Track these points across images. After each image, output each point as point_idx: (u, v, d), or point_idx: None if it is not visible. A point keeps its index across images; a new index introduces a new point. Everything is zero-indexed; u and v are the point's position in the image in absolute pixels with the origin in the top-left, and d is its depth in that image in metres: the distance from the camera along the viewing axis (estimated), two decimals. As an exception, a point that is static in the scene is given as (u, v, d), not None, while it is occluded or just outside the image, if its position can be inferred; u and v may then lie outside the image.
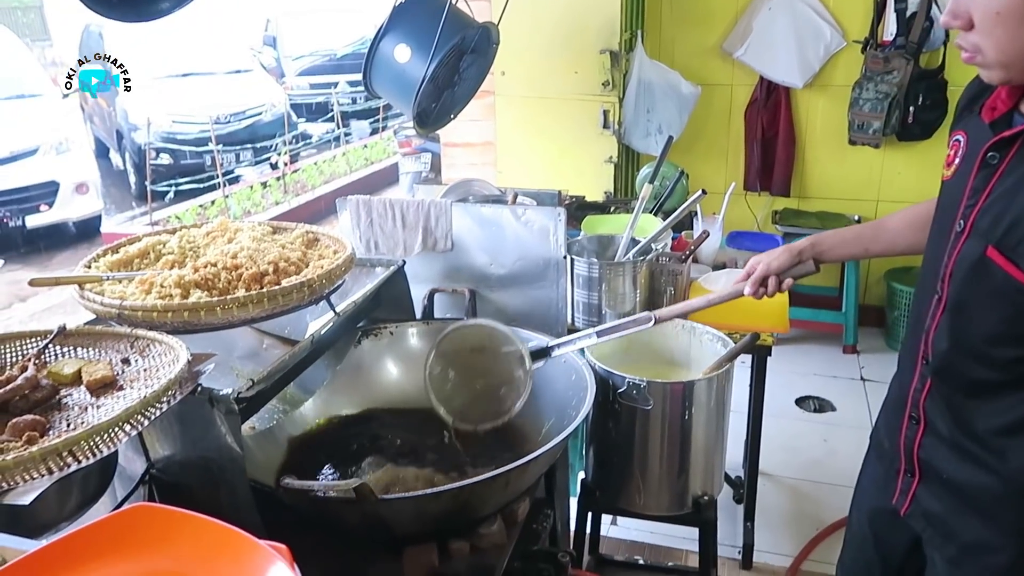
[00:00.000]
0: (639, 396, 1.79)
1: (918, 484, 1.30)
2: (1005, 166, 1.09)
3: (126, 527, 0.70)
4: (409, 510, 1.47)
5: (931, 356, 1.22)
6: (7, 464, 1.01)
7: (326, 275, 1.63)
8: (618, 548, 2.53)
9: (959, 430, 1.21)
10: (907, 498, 1.33)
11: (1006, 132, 1.09)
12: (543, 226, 2.09)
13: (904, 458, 1.32)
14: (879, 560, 1.48)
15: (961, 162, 1.19)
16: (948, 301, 1.18)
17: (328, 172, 8.39)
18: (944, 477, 1.25)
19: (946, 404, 1.23)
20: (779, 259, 1.54)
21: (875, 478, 1.46)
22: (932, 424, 1.26)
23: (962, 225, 1.15)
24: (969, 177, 1.14)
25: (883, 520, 1.44)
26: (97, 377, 1.34)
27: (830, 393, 3.59)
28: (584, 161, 3.71)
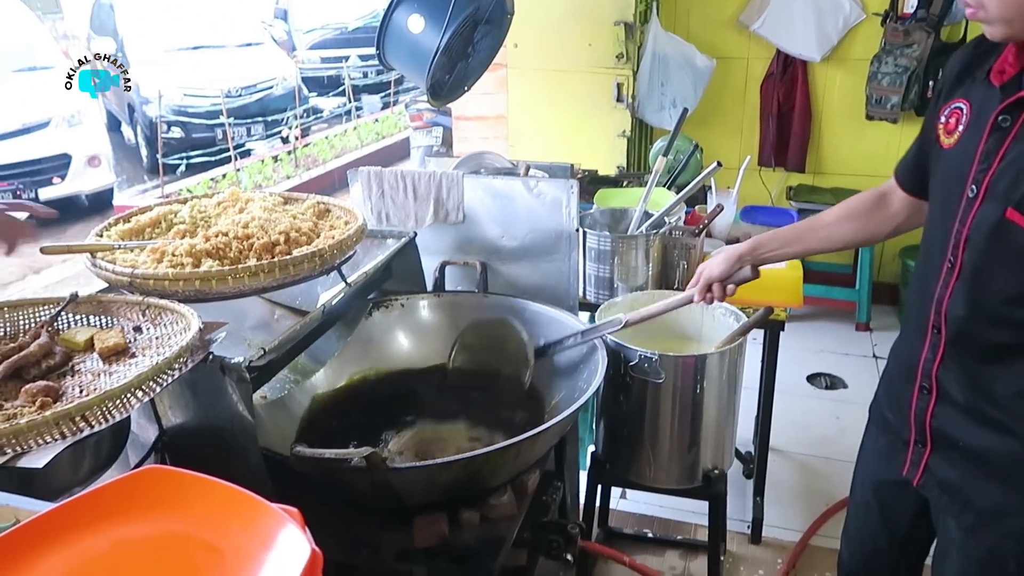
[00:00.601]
0: (651, 369, 1.78)
1: (930, 454, 1.29)
2: (1018, 129, 1.09)
3: (138, 488, 0.70)
4: (420, 479, 1.48)
5: (945, 324, 1.21)
6: (21, 428, 1.02)
7: (337, 245, 1.63)
8: (627, 521, 2.54)
9: (977, 396, 1.20)
10: (919, 469, 1.32)
11: (1021, 93, 1.09)
12: (555, 198, 2.07)
13: (915, 429, 1.31)
14: (885, 530, 1.48)
15: (966, 128, 1.18)
16: (964, 267, 1.17)
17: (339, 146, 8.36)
18: (960, 444, 1.23)
19: (962, 371, 1.22)
20: (720, 266, 1.59)
21: (878, 450, 1.45)
22: (946, 393, 1.24)
23: (975, 191, 1.14)
24: (979, 142, 1.14)
25: (888, 490, 1.44)
26: (109, 344, 1.35)
27: (842, 370, 3.57)
28: (597, 135, 3.67)
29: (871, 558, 1.54)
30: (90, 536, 0.67)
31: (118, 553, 0.65)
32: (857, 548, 1.58)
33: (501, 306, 2.03)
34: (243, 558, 0.64)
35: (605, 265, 2.13)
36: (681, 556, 2.40)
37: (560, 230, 2.10)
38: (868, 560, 1.55)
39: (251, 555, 0.64)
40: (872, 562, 1.54)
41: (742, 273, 1.57)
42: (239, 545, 0.65)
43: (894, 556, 1.48)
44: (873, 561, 1.54)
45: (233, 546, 0.65)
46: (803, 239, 1.54)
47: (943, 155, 1.23)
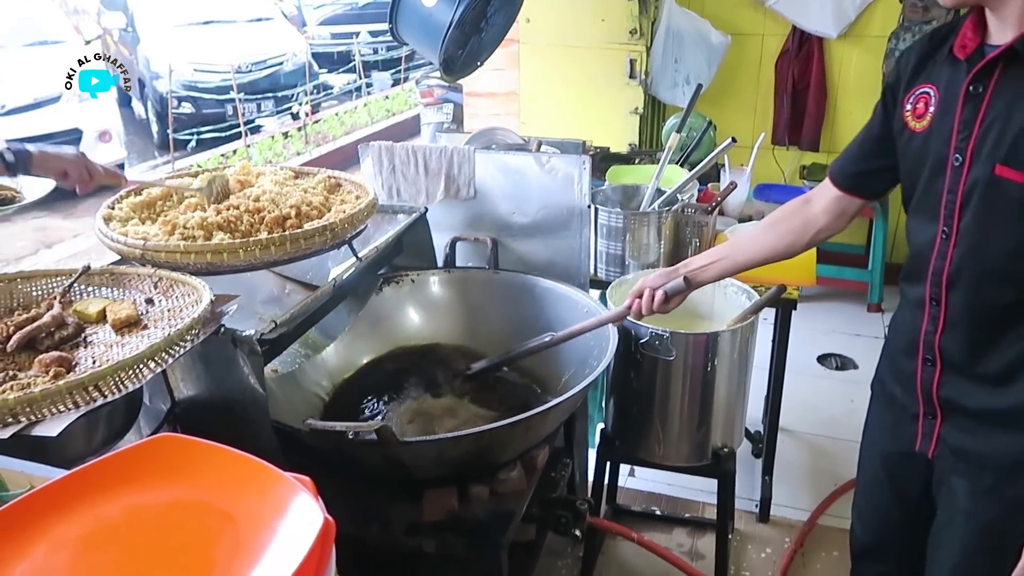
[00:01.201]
0: (661, 347, 1.78)
1: (942, 424, 1.31)
2: (991, 93, 1.15)
3: (151, 456, 0.70)
4: (430, 453, 1.48)
5: (947, 295, 1.24)
6: (35, 396, 1.02)
7: (348, 219, 1.62)
8: (635, 499, 2.54)
9: (984, 359, 1.22)
10: (932, 441, 1.33)
11: (989, 55, 1.14)
12: (567, 174, 2.05)
13: (923, 401, 1.32)
14: (896, 501, 1.49)
15: (938, 107, 1.23)
16: (961, 233, 1.20)
17: (349, 123, 8.32)
18: (970, 409, 1.26)
19: (967, 336, 1.24)
20: (656, 276, 1.62)
21: (883, 425, 1.47)
22: (950, 361, 1.27)
23: (960, 159, 1.18)
24: (954, 115, 1.19)
25: (896, 462, 1.45)
26: (122, 316, 1.35)
27: (853, 351, 3.55)
28: (609, 112, 3.64)
29: (885, 531, 1.54)
30: (103, 502, 0.67)
31: (131, 519, 0.66)
32: (870, 523, 1.58)
33: (511, 283, 2.03)
34: (256, 525, 0.64)
35: (617, 242, 2.12)
36: (689, 534, 2.41)
37: (572, 206, 2.08)
38: (882, 533, 1.55)
39: (264, 523, 0.64)
40: (886, 535, 1.54)
41: (676, 283, 1.58)
42: (252, 512, 0.65)
43: (907, 528, 1.48)
44: (887, 534, 1.54)
45: (246, 513, 0.65)
46: (729, 255, 1.58)
47: (915, 138, 1.26)
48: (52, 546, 0.63)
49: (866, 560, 1.63)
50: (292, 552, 0.59)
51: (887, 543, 1.56)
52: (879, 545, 1.58)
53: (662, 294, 1.59)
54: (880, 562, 1.59)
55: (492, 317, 2.03)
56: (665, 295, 1.58)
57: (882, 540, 1.56)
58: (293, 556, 0.59)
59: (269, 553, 0.61)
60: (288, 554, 0.60)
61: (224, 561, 0.61)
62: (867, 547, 1.61)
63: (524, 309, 2.00)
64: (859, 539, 1.62)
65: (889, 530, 1.54)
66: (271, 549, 0.61)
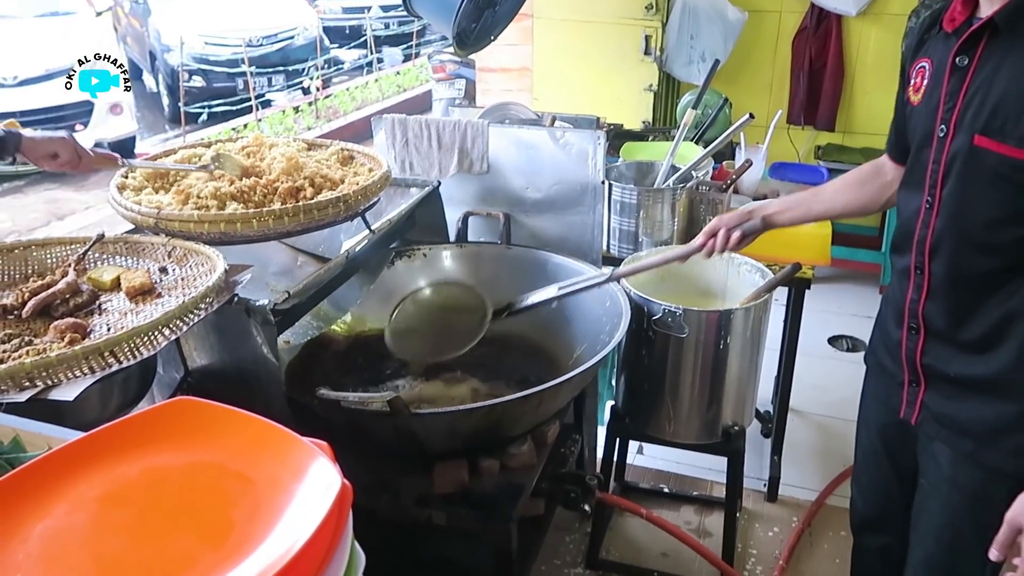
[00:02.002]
0: (674, 324, 1.77)
1: (925, 391, 1.33)
2: (975, 65, 1.17)
3: (169, 419, 0.70)
4: (441, 426, 1.48)
5: (929, 263, 1.26)
6: (51, 361, 1.03)
7: (362, 191, 1.62)
8: (643, 476, 2.55)
9: (965, 325, 1.24)
10: (915, 408, 1.35)
11: (972, 27, 1.16)
12: (582, 149, 2.04)
13: (907, 369, 1.34)
14: (894, 473, 1.50)
15: (930, 80, 1.25)
16: (943, 202, 1.22)
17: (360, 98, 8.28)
18: (951, 375, 1.28)
19: (948, 304, 1.26)
20: (731, 216, 1.63)
21: (877, 396, 1.49)
22: (933, 328, 1.29)
23: (944, 130, 1.20)
24: (942, 87, 1.21)
25: (891, 432, 1.46)
26: (136, 284, 1.35)
27: (864, 333, 3.50)
28: (623, 88, 3.60)
29: (884, 503, 1.55)
30: (122, 463, 0.67)
31: (150, 480, 0.66)
32: (870, 495, 1.59)
33: (524, 258, 2.02)
34: (274, 488, 0.64)
35: (630, 219, 2.10)
36: (696, 511, 2.41)
37: (586, 182, 2.07)
38: (881, 505, 1.56)
39: (282, 486, 0.64)
40: (885, 507, 1.55)
41: (752, 224, 1.59)
42: (270, 475, 0.65)
43: (906, 499, 1.48)
44: (886, 506, 1.55)
45: (264, 476, 0.65)
46: (806, 204, 1.61)
47: (913, 112, 1.29)
48: (72, 505, 0.63)
49: (867, 532, 1.65)
50: (310, 515, 0.59)
51: (886, 515, 1.57)
52: (879, 517, 1.60)
53: (739, 234, 1.59)
54: (881, 534, 1.61)
55: (504, 293, 2.02)
56: (742, 235, 1.59)
57: (882, 512, 1.58)
58: (311, 519, 0.59)
59: (287, 516, 0.61)
60: (306, 517, 0.60)
61: (242, 522, 0.61)
62: (867, 519, 1.63)
63: (536, 285, 1.98)
64: (859, 512, 1.64)
65: (888, 502, 1.55)
66: (289, 512, 0.61)
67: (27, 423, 0.81)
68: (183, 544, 0.60)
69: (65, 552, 0.58)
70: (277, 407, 1.43)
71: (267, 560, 0.56)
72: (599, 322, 1.82)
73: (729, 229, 1.60)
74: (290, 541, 0.57)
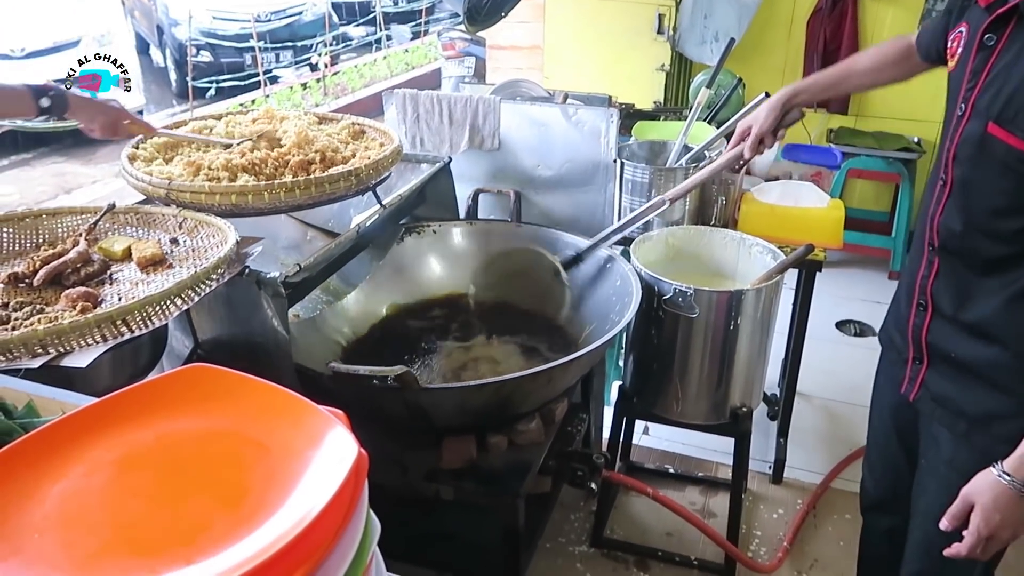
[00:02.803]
0: (685, 304, 1.76)
1: (927, 369, 1.33)
2: (1002, 46, 1.14)
3: (184, 385, 0.70)
4: (451, 401, 1.48)
5: (937, 239, 1.26)
6: (63, 328, 1.03)
7: (373, 165, 1.61)
8: (649, 456, 2.55)
9: (967, 309, 1.24)
10: (916, 384, 1.35)
11: (1000, 9, 1.12)
12: (594, 127, 2.02)
13: (912, 346, 1.34)
14: (903, 455, 1.50)
15: (962, 50, 1.21)
16: (953, 183, 1.21)
17: (368, 76, 8.22)
18: (952, 357, 1.28)
19: (954, 285, 1.25)
20: (767, 118, 1.64)
21: (889, 377, 1.48)
22: (939, 307, 1.29)
23: (963, 108, 1.18)
24: (969, 62, 1.18)
25: (902, 414, 1.46)
26: (147, 255, 1.35)
27: (873, 318, 3.52)
28: (635, 68, 3.57)
29: (893, 485, 1.55)
30: (137, 428, 0.67)
31: (165, 445, 0.66)
32: (879, 476, 1.60)
33: (534, 236, 2.01)
34: (290, 455, 0.63)
35: (641, 198, 2.08)
36: (701, 492, 2.42)
37: (597, 160, 2.06)
38: (891, 487, 1.56)
39: (298, 453, 0.64)
40: (894, 489, 1.55)
41: (790, 116, 1.61)
42: (286, 443, 0.65)
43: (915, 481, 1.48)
44: (895, 488, 1.55)
45: (280, 444, 0.65)
46: (839, 86, 1.63)
47: (948, 78, 1.26)
48: (88, 467, 0.63)
49: (875, 513, 1.66)
50: (326, 482, 0.59)
51: (895, 497, 1.57)
52: (887, 499, 1.60)
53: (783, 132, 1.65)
54: (889, 515, 1.61)
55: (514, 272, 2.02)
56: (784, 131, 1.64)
57: (890, 494, 1.58)
58: (328, 486, 0.58)
59: (303, 483, 0.61)
60: (322, 484, 0.59)
61: (258, 489, 0.61)
62: (876, 501, 1.63)
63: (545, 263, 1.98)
64: (869, 493, 1.64)
65: (897, 484, 1.55)
66: (305, 479, 0.61)
67: (41, 388, 0.81)
68: (199, 507, 0.60)
69: (82, 513, 0.58)
70: (287, 380, 1.44)
71: (284, 525, 0.56)
72: (609, 301, 1.81)
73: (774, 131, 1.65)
74: (307, 507, 0.57)
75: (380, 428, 1.59)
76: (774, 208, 2.16)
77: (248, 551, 0.54)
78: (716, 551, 2.14)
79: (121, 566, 0.54)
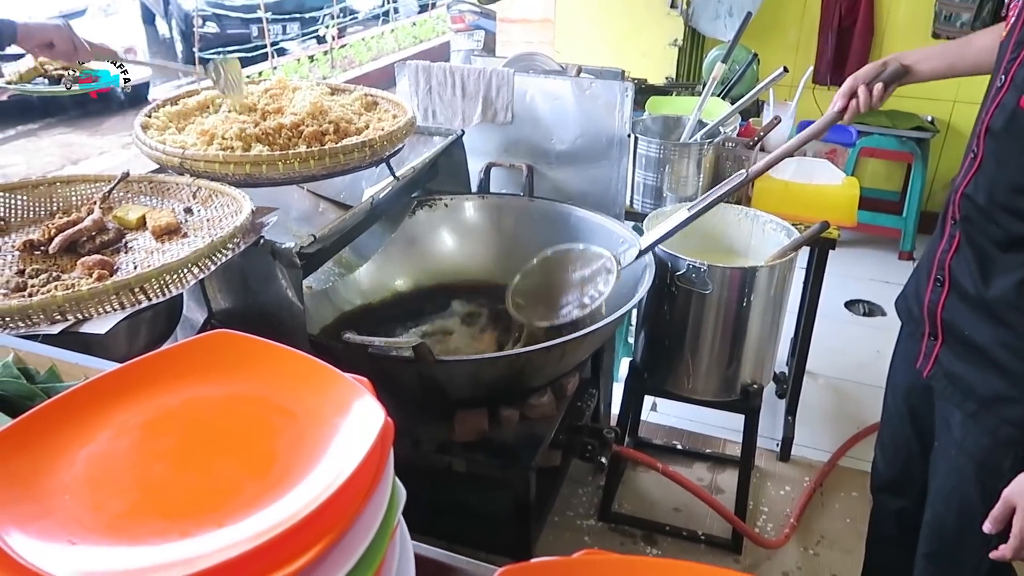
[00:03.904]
0: (698, 280, 1.76)
1: (941, 346, 1.32)
2: None
3: (207, 351, 0.70)
4: (465, 373, 1.48)
5: (959, 213, 1.24)
6: (83, 294, 1.03)
7: (387, 137, 1.59)
8: (657, 433, 2.56)
9: (983, 286, 1.23)
10: (930, 360, 1.35)
11: None
12: (609, 101, 2.00)
13: (928, 321, 1.34)
14: (916, 436, 1.50)
15: (1016, 19, 1.18)
16: (984, 155, 1.19)
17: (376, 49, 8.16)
18: (966, 335, 1.27)
19: (973, 261, 1.23)
20: (865, 69, 1.50)
21: (905, 357, 1.48)
22: (956, 283, 1.27)
23: (1003, 80, 1.16)
24: (1015, 31, 1.15)
25: (916, 395, 1.46)
26: (162, 223, 1.34)
27: (881, 298, 3.51)
28: (647, 43, 3.53)
29: (905, 466, 1.56)
30: (162, 393, 0.67)
31: (191, 410, 0.66)
32: (891, 457, 1.60)
33: (547, 211, 2.00)
34: (317, 421, 0.63)
35: (655, 173, 2.07)
36: (709, 468, 2.43)
37: (611, 135, 2.04)
38: (902, 467, 1.57)
39: (325, 419, 0.64)
40: (906, 470, 1.56)
41: (892, 70, 1.45)
42: (312, 409, 0.65)
43: (927, 464, 1.48)
44: (907, 469, 1.55)
45: (306, 410, 0.65)
46: (949, 57, 1.46)
47: (999, 48, 1.24)
48: (115, 431, 0.63)
49: (886, 494, 1.66)
50: (354, 449, 0.59)
51: (906, 478, 1.57)
52: (899, 480, 1.60)
53: (880, 86, 1.47)
54: (899, 496, 1.61)
55: (526, 246, 2.01)
56: (884, 86, 1.47)
57: (902, 475, 1.59)
58: (355, 452, 0.58)
59: (331, 449, 0.61)
60: (350, 450, 0.59)
61: (285, 454, 0.61)
62: (887, 481, 1.63)
63: (559, 239, 1.97)
64: (881, 473, 1.64)
65: (909, 465, 1.56)
66: (333, 445, 0.61)
67: (64, 353, 0.81)
68: (227, 471, 0.60)
69: (111, 475, 0.59)
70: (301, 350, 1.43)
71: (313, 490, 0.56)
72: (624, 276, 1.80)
73: (869, 84, 1.48)
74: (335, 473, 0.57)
75: (393, 400, 1.59)
76: (788, 185, 2.14)
77: (277, 515, 0.54)
78: (723, 526, 2.15)
79: (152, 527, 0.54)
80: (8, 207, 1.42)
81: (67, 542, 0.52)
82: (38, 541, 0.52)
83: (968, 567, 1.35)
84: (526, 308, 1.71)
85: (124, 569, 0.50)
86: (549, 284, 1.75)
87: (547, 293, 1.74)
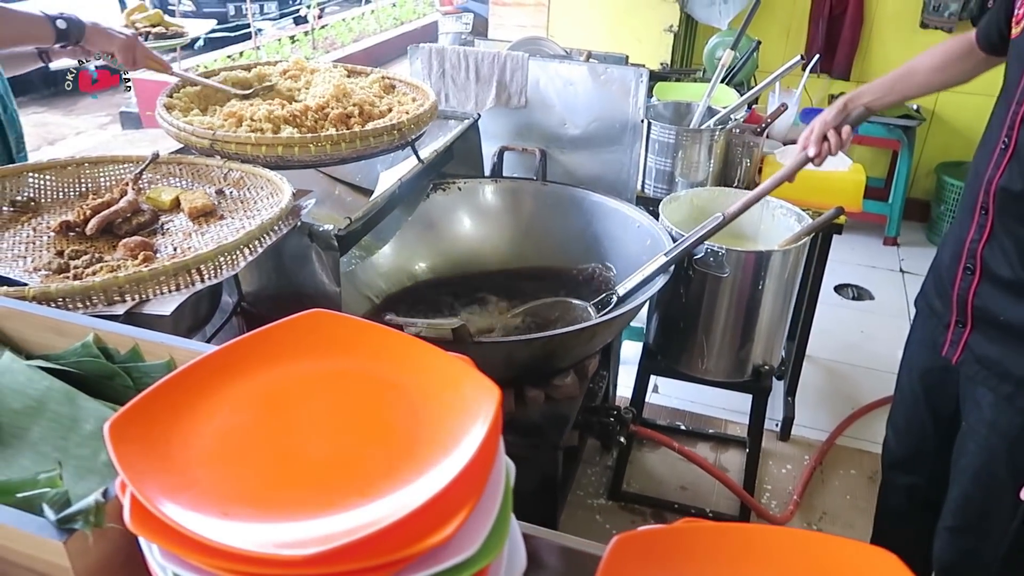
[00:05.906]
0: (715, 263, 1.79)
1: (970, 332, 1.36)
2: None
3: (307, 330, 0.71)
4: (499, 354, 1.50)
5: (994, 203, 1.27)
6: (143, 275, 1.03)
7: (414, 120, 1.60)
8: (660, 414, 2.61)
9: (1021, 270, 1.26)
10: (958, 347, 1.39)
11: None
12: (623, 86, 2.02)
13: (956, 310, 1.37)
14: (930, 417, 1.56)
15: None
16: (1017, 145, 1.22)
17: (358, 30, 8.08)
18: (1001, 320, 1.31)
19: (1008, 247, 1.27)
20: (829, 114, 1.60)
21: (923, 339, 1.52)
22: (989, 270, 1.31)
23: None
24: None
25: (932, 377, 1.51)
26: (198, 205, 1.34)
27: (869, 282, 3.60)
28: (642, 28, 3.55)
29: (917, 445, 1.61)
30: (272, 370, 0.68)
31: (303, 386, 0.67)
32: (904, 436, 1.65)
33: (560, 195, 2.02)
34: (428, 396, 0.65)
35: (667, 159, 2.10)
36: (712, 448, 2.49)
37: (625, 120, 2.06)
38: (914, 446, 1.62)
39: (435, 393, 0.66)
40: (918, 449, 1.62)
41: (855, 114, 1.57)
42: (422, 384, 0.67)
43: (939, 443, 1.55)
44: (919, 448, 1.61)
45: (416, 385, 0.67)
46: (900, 90, 1.59)
47: (1013, 44, 1.27)
48: (234, 407, 0.64)
49: (897, 471, 1.71)
50: (474, 421, 0.61)
51: (918, 456, 1.63)
52: (910, 458, 1.66)
53: (848, 129, 1.59)
54: (911, 474, 1.67)
55: (539, 229, 2.04)
56: (850, 128, 1.59)
57: (913, 453, 1.64)
58: (478, 424, 0.60)
59: (448, 422, 0.63)
60: (470, 421, 0.61)
61: (403, 427, 0.63)
62: (898, 459, 1.69)
63: (572, 223, 2.00)
64: (893, 451, 1.70)
65: (921, 444, 1.61)
66: (448, 418, 0.63)
67: (147, 333, 0.82)
68: (353, 443, 0.62)
69: (242, 449, 0.60)
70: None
71: (448, 460, 0.58)
72: (639, 260, 1.83)
73: (838, 128, 1.58)
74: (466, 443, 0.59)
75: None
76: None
77: (419, 488, 0.56)
78: (729, 504, 2.21)
79: (299, 499, 0.55)
80: (38, 188, 1.40)
81: (219, 515, 0.53)
82: (193, 512, 0.53)
83: (992, 541, 1.40)
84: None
85: (313, 536, 0.51)
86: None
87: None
